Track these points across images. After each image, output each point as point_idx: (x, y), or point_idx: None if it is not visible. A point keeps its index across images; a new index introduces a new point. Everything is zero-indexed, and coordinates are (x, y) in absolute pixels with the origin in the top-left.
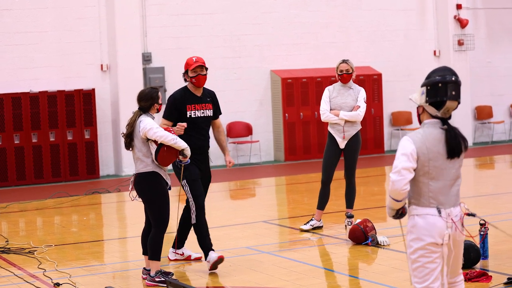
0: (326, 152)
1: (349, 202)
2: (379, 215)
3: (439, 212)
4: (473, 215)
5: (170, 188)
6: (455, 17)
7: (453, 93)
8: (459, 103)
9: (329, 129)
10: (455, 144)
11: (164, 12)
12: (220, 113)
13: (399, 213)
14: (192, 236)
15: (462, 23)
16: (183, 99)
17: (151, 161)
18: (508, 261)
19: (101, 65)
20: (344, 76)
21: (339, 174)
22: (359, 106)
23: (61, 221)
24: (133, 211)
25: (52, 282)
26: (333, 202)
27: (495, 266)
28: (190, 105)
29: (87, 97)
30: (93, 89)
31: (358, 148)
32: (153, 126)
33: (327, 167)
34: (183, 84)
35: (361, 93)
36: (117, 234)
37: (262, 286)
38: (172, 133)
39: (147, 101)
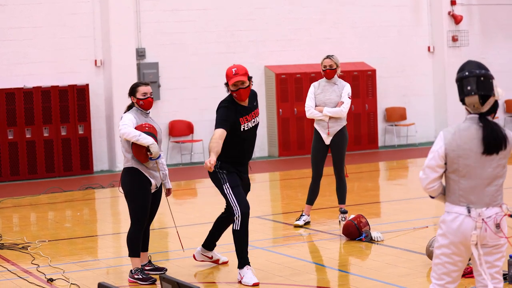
0: (313, 149)
1: (341, 198)
2: (373, 210)
3: (469, 211)
4: None
5: (159, 188)
6: (449, 13)
7: (468, 88)
8: (485, 95)
9: (315, 125)
10: (492, 140)
11: (158, 8)
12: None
13: None
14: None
15: (456, 19)
16: (236, 110)
17: (132, 157)
18: None
19: (95, 61)
20: (328, 71)
21: (332, 170)
22: (343, 102)
23: (54, 216)
24: (127, 206)
25: (45, 277)
26: (326, 198)
27: None
28: (243, 117)
29: (81, 93)
30: (87, 85)
31: (345, 144)
32: (122, 123)
33: (316, 163)
34: (176, 79)
35: (346, 89)
36: (111, 229)
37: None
38: (146, 129)
39: (128, 96)
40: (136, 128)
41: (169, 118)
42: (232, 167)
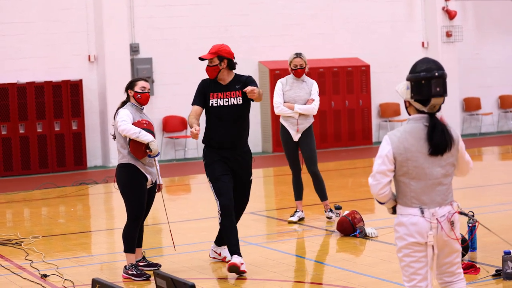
0: (284, 145)
1: (321, 194)
2: (367, 206)
3: (422, 212)
4: (465, 214)
5: (154, 183)
6: (443, 8)
7: (438, 89)
8: (446, 96)
9: (282, 121)
10: (439, 141)
11: (151, 3)
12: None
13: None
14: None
15: (451, 15)
16: (208, 85)
17: (128, 153)
18: (496, 253)
19: (89, 56)
20: (299, 71)
21: (327, 166)
22: (313, 100)
23: (48, 212)
24: (120, 202)
25: (39, 273)
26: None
27: (483, 258)
28: (214, 93)
29: (74, 88)
30: (81, 80)
31: (313, 140)
32: (120, 119)
33: (290, 158)
34: (170, 74)
35: (314, 86)
36: (105, 225)
37: (250, 278)
38: (145, 125)
39: (125, 90)
40: (134, 124)
41: (162, 113)
42: (216, 154)
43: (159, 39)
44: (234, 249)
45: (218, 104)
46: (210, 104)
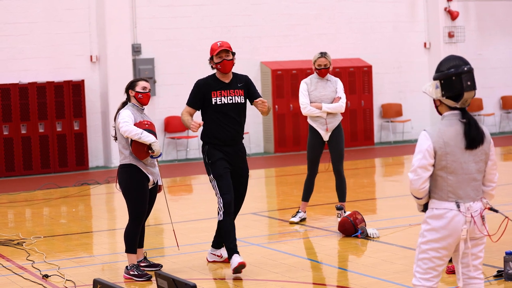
0: (309, 146)
1: (341, 195)
2: (369, 207)
3: (458, 206)
4: (495, 210)
5: (155, 184)
6: (445, 9)
7: (469, 83)
8: (476, 89)
9: (310, 122)
10: (475, 135)
11: (154, 3)
12: (259, 96)
13: (427, 208)
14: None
15: (453, 15)
16: (209, 85)
17: (129, 154)
18: (497, 254)
19: (91, 56)
20: (323, 71)
21: (328, 166)
22: (340, 98)
23: (50, 212)
24: (122, 202)
25: (40, 273)
26: (322, 194)
27: (485, 259)
28: (216, 91)
29: (76, 88)
30: (83, 80)
31: (343, 139)
32: (122, 120)
33: (312, 160)
34: (172, 75)
35: (339, 84)
36: (106, 225)
37: (251, 278)
38: (147, 126)
39: (126, 90)
40: (135, 125)
41: (164, 114)
42: (218, 151)
43: (161, 39)
44: (235, 248)
45: (222, 102)
46: (214, 102)
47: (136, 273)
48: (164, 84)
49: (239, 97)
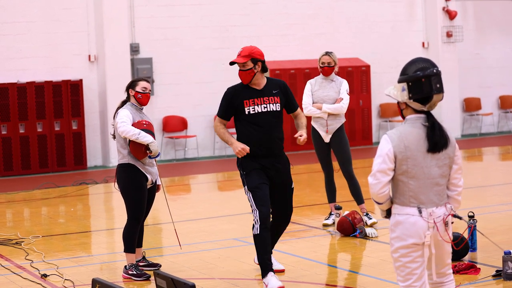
0: (315, 148)
1: (357, 198)
2: (367, 207)
3: (420, 212)
4: (459, 217)
5: (154, 184)
6: (443, 8)
7: (438, 85)
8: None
9: (312, 123)
10: (439, 138)
11: (152, 3)
12: (297, 106)
13: (391, 213)
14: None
15: (451, 15)
16: (239, 93)
17: (128, 153)
18: (496, 254)
19: (89, 56)
20: (326, 69)
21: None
22: (342, 98)
23: (48, 212)
24: (121, 202)
25: (39, 273)
26: (321, 194)
27: (484, 258)
28: (248, 100)
29: (74, 88)
30: (81, 80)
31: (346, 141)
32: (120, 120)
33: (322, 161)
34: (170, 74)
35: (344, 85)
36: (105, 225)
37: (250, 278)
38: (145, 126)
39: (126, 90)
40: (133, 125)
41: (162, 113)
42: (254, 162)
43: (159, 39)
44: (271, 265)
45: (256, 111)
46: (247, 112)
47: (134, 272)
48: (162, 83)
49: (274, 104)
